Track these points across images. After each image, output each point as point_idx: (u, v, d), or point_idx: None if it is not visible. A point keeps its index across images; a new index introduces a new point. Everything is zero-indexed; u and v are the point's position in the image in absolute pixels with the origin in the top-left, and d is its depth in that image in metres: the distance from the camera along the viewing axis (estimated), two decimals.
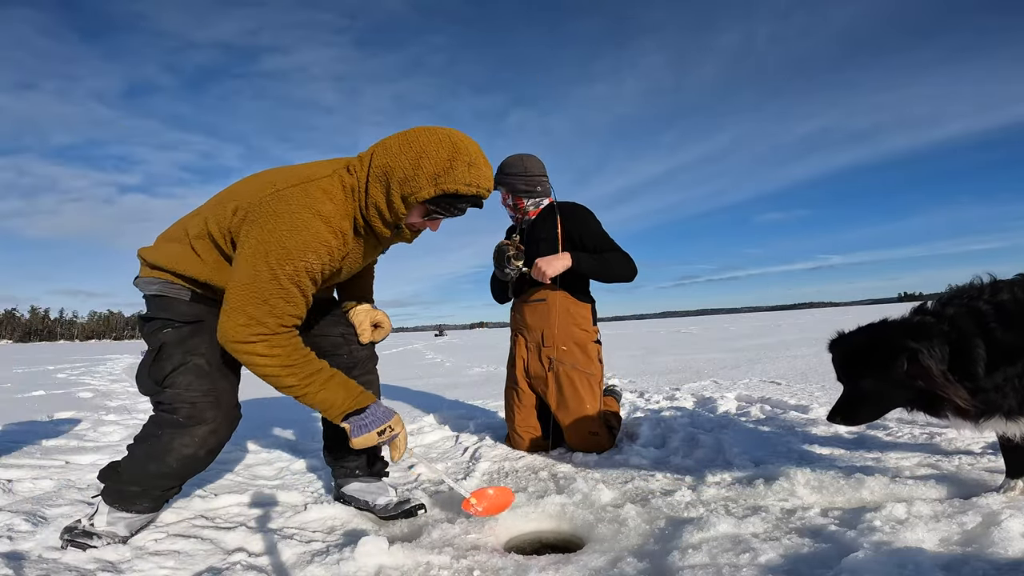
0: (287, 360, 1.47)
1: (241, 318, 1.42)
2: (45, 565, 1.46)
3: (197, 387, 1.56)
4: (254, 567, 1.46)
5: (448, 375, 7.32)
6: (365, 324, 1.93)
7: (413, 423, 3.41)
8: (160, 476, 1.59)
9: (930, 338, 1.37)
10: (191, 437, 1.55)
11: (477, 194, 1.51)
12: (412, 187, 1.46)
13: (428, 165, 1.45)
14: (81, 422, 3.69)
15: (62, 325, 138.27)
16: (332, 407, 1.54)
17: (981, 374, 1.34)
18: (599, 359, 2.68)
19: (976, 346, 1.35)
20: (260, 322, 1.42)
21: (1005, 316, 1.38)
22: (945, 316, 1.42)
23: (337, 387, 1.54)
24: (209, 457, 1.63)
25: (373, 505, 1.88)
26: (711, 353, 8.25)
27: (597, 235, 2.60)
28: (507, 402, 2.76)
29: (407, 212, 1.51)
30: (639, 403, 3.80)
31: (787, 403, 3.36)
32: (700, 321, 45.00)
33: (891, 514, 1.47)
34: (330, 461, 2.00)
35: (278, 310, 1.43)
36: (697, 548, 1.38)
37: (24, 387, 6.64)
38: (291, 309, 1.46)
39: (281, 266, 1.41)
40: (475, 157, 1.49)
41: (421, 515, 1.84)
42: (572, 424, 2.53)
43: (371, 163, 1.52)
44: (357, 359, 1.92)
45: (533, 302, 2.66)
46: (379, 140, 1.57)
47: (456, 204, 1.52)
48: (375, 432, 1.58)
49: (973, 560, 1.23)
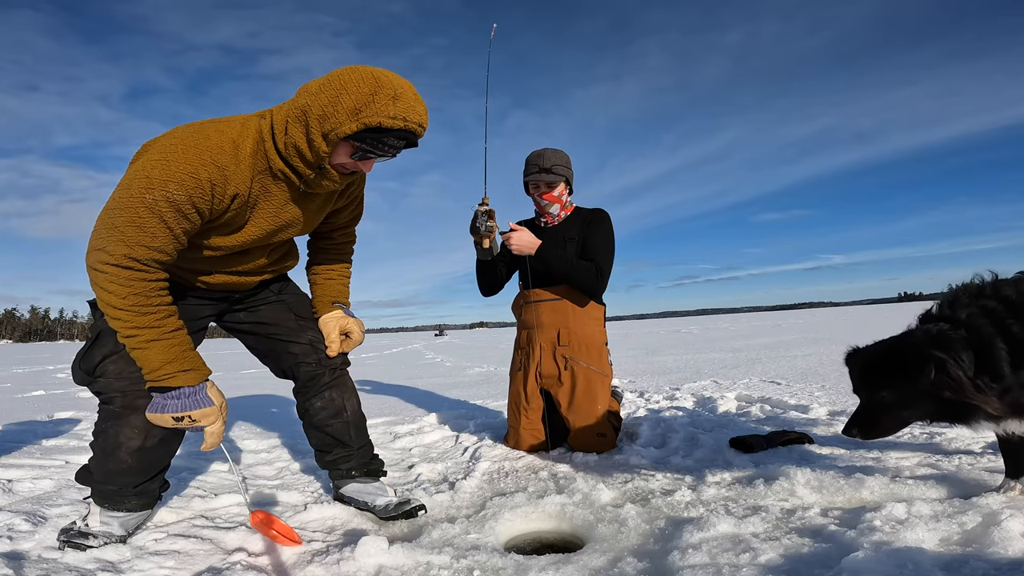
0: (121, 302, 1.36)
1: (95, 241, 1.36)
2: (45, 565, 1.46)
3: (127, 375, 1.49)
4: (254, 567, 1.46)
5: (448, 375, 7.32)
6: (333, 335, 1.87)
7: (413, 423, 3.41)
8: (120, 472, 1.55)
9: (954, 346, 1.36)
10: (131, 428, 1.51)
11: (405, 128, 1.39)
12: (332, 123, 1.37)
13: (347, 99, 1.35)
14: (81, 422, 3.69)
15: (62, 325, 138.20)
16: (144, 369, 1.42)
17: (1008, 373, 1.34)
18: (609, 361, 2.69)
19: (998, 347, 1.35)
20: (107, 250, 1.34)
21: (1017, 311, 1.37)
22: (959, 321, 1.41)
23: (159, 351, 1.40)
24: (164, 446, 1.57)
25: (372, 506, 1.87)
26: (711, 353, 8.25)
27: (595, 240, 2.62)
28: (512, 403, 2.72)
29: (329, 150, 1.43)
30: (639, 403, 3.80)
31: (787, 403, 3.36)
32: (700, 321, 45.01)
33: (891, 514, 1.47)
34: (323, 464, 1.98)
35: (129, 238, 1.33)
36: (697, 548, 1.38)
37: (24, 387, 6.64)
38: (144, 239, 1.34)
39: (141, 194, 1.33)
40: (401, 91, 1.38)
41: (421, 515, 1.84)
42: (582, 424, 2.52)
43: (290, 104, 1.45)
44: (326, 367, 1.88)
45: (550, 300, 2.65)
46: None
47: (382, 139, 1.41)
48: (170, 416, 1.43)
49: (973, 560, 1.23)
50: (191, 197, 1.37)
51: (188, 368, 1.45)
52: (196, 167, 1.37)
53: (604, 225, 2.65)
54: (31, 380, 7.85)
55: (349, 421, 1.92)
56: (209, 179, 1.39)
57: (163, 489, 1.76)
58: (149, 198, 1.33)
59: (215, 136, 1.41)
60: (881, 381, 1.47)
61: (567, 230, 2.68)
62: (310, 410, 1.89)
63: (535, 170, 2.61)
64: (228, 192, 1.44)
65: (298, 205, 1.61)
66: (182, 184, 1.35)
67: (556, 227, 2.72)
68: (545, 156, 2.61)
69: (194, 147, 1.38)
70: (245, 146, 1.45)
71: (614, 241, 2.66)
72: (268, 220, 1.59)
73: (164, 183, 1.34)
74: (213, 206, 1.43)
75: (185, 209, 1.38)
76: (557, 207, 2.68)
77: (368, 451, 1.99)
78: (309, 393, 1.88)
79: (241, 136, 1.45)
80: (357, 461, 1.95)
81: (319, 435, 1.92)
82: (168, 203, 1.35)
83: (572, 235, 2.66)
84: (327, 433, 1.90)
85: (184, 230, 1.41)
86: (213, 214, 1.46)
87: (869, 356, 1.53)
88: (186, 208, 1.38)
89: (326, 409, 1.88)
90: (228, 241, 1.58)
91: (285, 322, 1.86)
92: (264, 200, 1.55)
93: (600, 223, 2.64)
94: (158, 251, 1.38)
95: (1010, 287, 1.42)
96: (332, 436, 1.90)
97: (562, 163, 2.63)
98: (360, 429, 1.97)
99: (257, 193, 1.52)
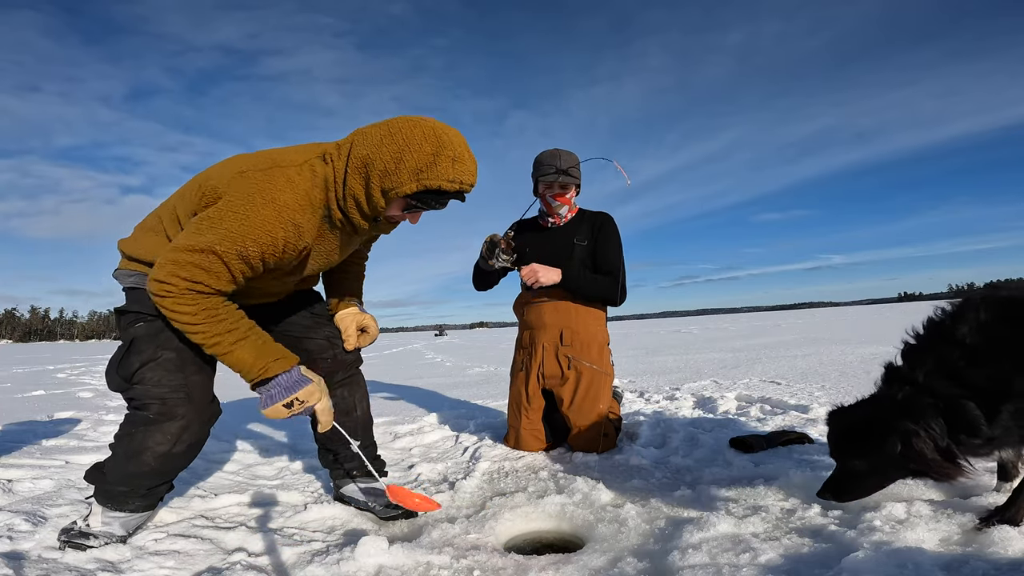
0: (193, 319, 1.41)
1: (158, 272, 1.40)
2: (45, 565, 1.46)
3: (167, 382, 1.53)
4: (254, 567, 1.46)
5: (448, 375, 7.32)
6: (351, 329, 1.90)
7: (413, 423, 3.41)
8: (140, 475, 1.57)
9: (922, 414, 1.30)
10: (163, 434, 1.53)
11: (460, 190, 1.46)
12: (393, 181, 1.41)
13: (411, 159, 1.39)
14: (81, 422, 3.69)
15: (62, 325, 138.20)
16: (241, 371, 1.48)
17: (985, 430, 1.28)
18: (611, 361, 2.69)
19: (967, 407, 1.28)
20: (169, 284, 1.38)
21: (975, 355, 1.30)
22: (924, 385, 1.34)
23: (247, 349, 1.46)
24: (189, 452, 1.60)
25: (373, 506, 1.87)
26: (711, 353, 8.25)
27: (609, 249, 2.62)
28: (513, 403, 2.72)
29: (387, 206, 1.47)
30: (639, 403, 3.80)
31: (787, 403, 3.36)
32: (700, 321, 45.02)
33: (891, 514, 1.47)
34: (326, 463, 1.99)
35: (192, 275, 1.39)
36: (697, 548, 1.38)
37: (24, 387, 6.64)
38: (210, 280, 1.40)
39: (213, 245, 1.37)
40: (460, 152, 1.44)
41: (421, 515, 1.84)
42: (584, 424, 2.52)
43: (350, 153, 1.47)
44: (341, 363, 1.90)
45: (553, 300, 2.65)
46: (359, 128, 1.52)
47: (438, 199, 1.48)
48: (281, 404, 1.49)
49: (973, 560, 1.23)
50: (263, 253, 1.43)
51: (278, 357, 1.50)
52: (275, 227, 1.41)
53: (615, 233, 2.66)
54: (31, 380, 7.85)
55: (358, 421, 1.94)
56: (285, 238, 1.44)
57: (167, 491, 1.76)
58: (221, 249, 1.38)
59: (289, 191, 1.44)
60: (852, 449, 1.43)
61: (574, 232, 2.68)
62: None
63: (551, 171, 2.59)
64: (300, 247, 1.50)
65: (342, 242, 1.66)
66: (258, 242, 1.40)
67: (563, 228, 2.71)
68: (562, 158, 2.60)
69: (272, 203, 1.41)
70: (316, 199, 1.49)
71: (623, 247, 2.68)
72: (319, 261, 1.65)
73: (242, 239, 1.38)
74: (282, 259, 1.49)
75: (254, 262, 1.44)
76: (566, 208, 2.68)
77: (372, 452, 1.99)
78: None
79: (311, 187, 1.48)
80: (359, 461, 1.94)
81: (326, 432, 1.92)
82: (239, 257, 1.40)
83: (581, 238, 2.66)
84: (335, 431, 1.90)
85: (246, 276, 1.47)
86: (279, 264, 1.52)
87: (843, 422, 1.49)
88: (255, 261, 1.43)
89: (337, 407, 1.89)
90: (277, 285, 1.65)
91: (300, 320, 1.87)
92: (319, 244, 1.59)
93: (611, 232, 2.65)
94: (216, 291, 1.43)
95: (965, 324, 1.34)
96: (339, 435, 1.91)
97: (576, 166, 2.62)
98: (367, 429, 1.98)
99: (318, 240, 1.57)
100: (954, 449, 1.30)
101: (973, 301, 1.37)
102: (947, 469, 1.30)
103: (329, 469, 2.00)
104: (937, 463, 1.30)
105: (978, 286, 2.30)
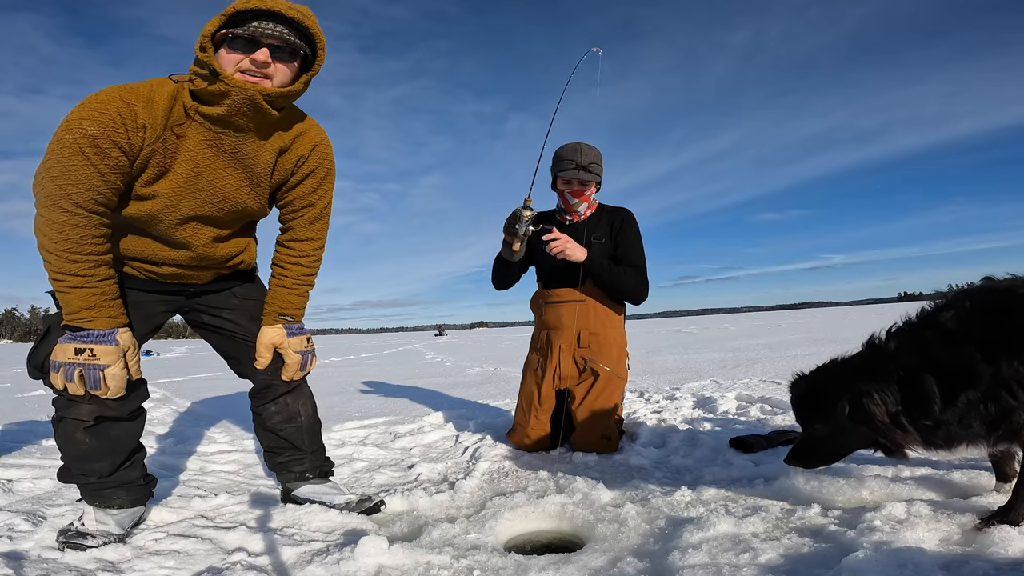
0: (53, 246, 1.43)
1: (34, 189, 1.46)
2: (45, 565, 1.46)
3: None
4: (254, 567, 1.46)
5: (448, 375, 7.32)
6: (264, 354, 1.80)
7: (413, 423, 3.41)
8: (84, 457, 1.60)
9: (877, 379, 1.29)
10: (78, 413, 1.56)
11: (257, 7, 1.44)
12: (206, 29, 1.47)
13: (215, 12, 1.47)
14: None
15: None
16: (64, 309, 1.51)
17: (938, 411, 1.26)
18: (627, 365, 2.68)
19: (926, 382, 1.27)
20: (42, 195, 1.43)
21: (950, 339, 1.29)
22: (891, 354, 1.34)
23: (80, 297, 1.47)
24: (115, 426, 1.62)
25: (332, 505, 1.88)
26: (711, 353, 8.25)
27: (630, 244, 2.58)
28: (524, 401, 2.68)
29: (209, 52, 1.47)
30: (639, 403, 3.80)
31: (787, 403, 3.34)
32: (700, 321, 45.03)
33: (891, 514, 1.47)
34: (272, 465, 1.98)
35: (58, 178, 1.41)
36: (697, 548, 1.38)
37: (24, 387, 6.64)
38: (71, 178, 1.41)
39: (61, 136, 1.42)
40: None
41: (421, 515, 1.84)
42: (591, 425, 2.51)
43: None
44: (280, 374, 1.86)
45: (572, 302, 2.60)
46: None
47: (242, 21, 1.45)
48: (72, 346, 1.48)
49: (973, 560, 1.23)
50: (105, 130, 1.43)
51: (105, 315, 1.51)
52: (105, 104, 1.44)
53: (635, 229, 2.61)
54: (31, 380, 7.85)
55: (302, 426, 1.93)
56: (118, 112, 1.45)
57: (151, 485, 1.77)
58: (68, 137, 1.41)
59: (130, 86, 1.50)
60: (812, 414, 1.43)
61: (592, 228, 2.62)
62: (263, 414, 1.90)
63: (571, 166, 2.51)
64: (138, 122, 1.47)
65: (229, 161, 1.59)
66: (94, 120, 1.42)
67: (580, 224, 2.64)
68: (583, 152, 2.51)
69: (106, 91, 1.47)
70: (159, 96, 1.50)
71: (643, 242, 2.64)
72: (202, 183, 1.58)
73: (79, 120, 1.42)
74: (130, 139, 1.47)
75: (102, 143, 1.43)
76: (584, 206, 2.62)
77: (321, 454, 2.00)
78: (264, 399, 1.90)
79: (151, 87, 1.51)
80: (311, 463, 1.96)
81: (271, 437, 1.93)
82: (86, 138, 1.42)
83: (600, 235, 2.60)
84: (280, 436, 1.91)
85: (109, 167, 1.46)
86: (133, 149, 1.48)
87: (802, 386, 1.49)
88: (103, 142, 1.43)
89: (280, 414, 1.89)
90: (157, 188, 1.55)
91: (248, 328, 1.85)
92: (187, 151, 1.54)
93: (631, 229, 2.60)
94: (88, 190, 1.43)
95: (949, 310, 1.34)
96: (285, 439, 1.92)
97: (598, 162, 2.56)
98: (314, 434, 1.98)
99: (175, 141, 1.53)
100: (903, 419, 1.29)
101: (964, 290, 1.40)
102: (896, 436, 1.29)
103: (276, 471, 1.99)
104: (887, 426, 1.29)
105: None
